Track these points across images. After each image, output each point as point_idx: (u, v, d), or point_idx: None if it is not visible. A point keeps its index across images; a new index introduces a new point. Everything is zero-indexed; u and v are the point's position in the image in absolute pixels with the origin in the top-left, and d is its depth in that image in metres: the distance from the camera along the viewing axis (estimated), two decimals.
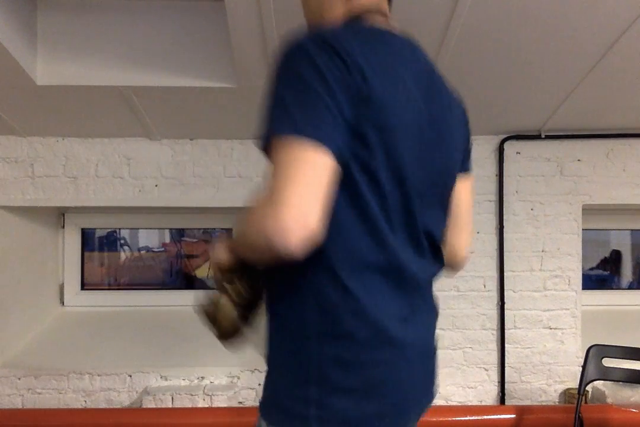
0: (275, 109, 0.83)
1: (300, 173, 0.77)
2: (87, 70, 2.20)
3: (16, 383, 2.73)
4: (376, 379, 0.88)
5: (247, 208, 0.82)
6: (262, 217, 0.78)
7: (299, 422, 0.87)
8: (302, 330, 0.88)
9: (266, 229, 0.77)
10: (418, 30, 1.97)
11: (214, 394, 2.61)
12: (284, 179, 0.77)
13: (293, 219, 0.76)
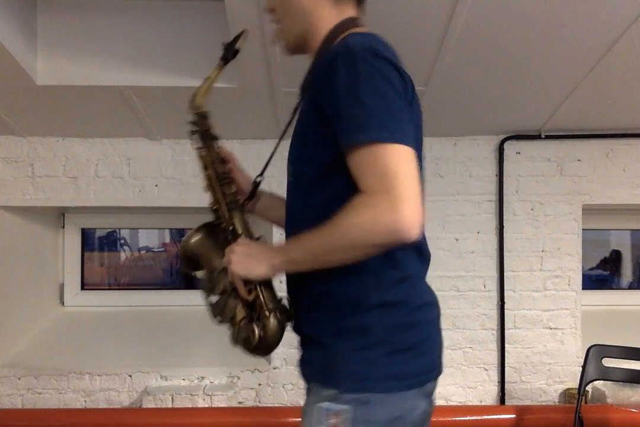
0: (366, 117, 0.93)
1: (407, 171, 0.90)
2: (87, 70, 2.20)
3: (16, 383, 2.73)
4: (425, 335, 1.12)
5: (366, 204, 0.91)
6: (387, 213, 0.88)
7: (367, 382, 0.99)
8: (363, 304, 1.01)
9: (395, 222, 0.87)
10: (418, 30, 1.98)
11: (214, 394, 2.61)
12: (397, 177, 0.89)
13: (417, 210, 0.88)
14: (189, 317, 3.03)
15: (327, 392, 1.01)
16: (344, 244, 0.94)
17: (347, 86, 0.95)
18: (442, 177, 2.83)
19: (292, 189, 1.12)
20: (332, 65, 0.96)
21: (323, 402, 1.01)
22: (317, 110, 1.01)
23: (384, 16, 1.90)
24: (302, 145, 1.08)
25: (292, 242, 1.04)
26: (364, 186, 0.92)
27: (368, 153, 0.92)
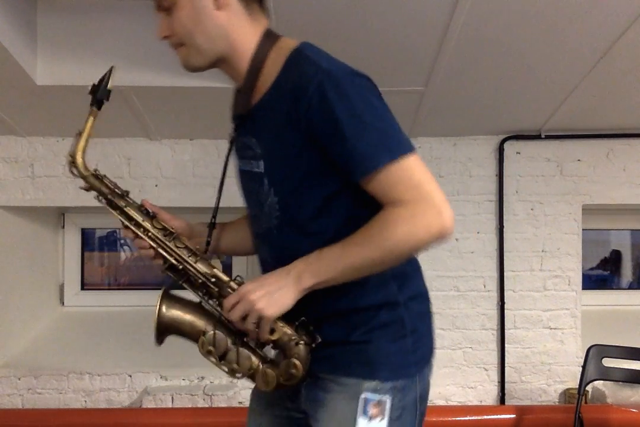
0: (381, 138, 0.98)
1: (429, 175, 0.99)
2: (87, 70, 2.19)
3: (16, 383, 2.72)
4: (432, 322, 1.17)
5: (410, 212, 0.97)
6: (435, 218, 0.96)
7: (403, 369, 1.09)
8: (394, 302, 1.08)
9: (443, 225, 0.96)
10: (418, 30, 1.98)
11: (214, 394, 2.61)
12: (428, 184, 0.97)
13: (451, 212, 0.97)
14: None
15: (368, 384, 1.06)
16: (392, 255, 0.99)
17: (347, 113, 0.96)
18: (442, 177, 2.83)
19: (283, 222, 1.08)
20: (321, 96, 0.96)
21: (363, 394, 1.05)
22: (308, 143, 1.00)
23: (384, 16, 1.90)
24: (289, 174, 1.04)
25: (317, 261, 1.00)
26: (399, 200, 0.96)
27: (395, 170, 0.97)
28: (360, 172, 0.98)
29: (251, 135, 1.09)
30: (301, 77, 0.98)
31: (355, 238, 0.99)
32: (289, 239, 1.08)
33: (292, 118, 0.99)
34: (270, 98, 1.05)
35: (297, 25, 1.93)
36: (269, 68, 1.06)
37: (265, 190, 1.07)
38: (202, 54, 1.08)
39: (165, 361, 2.78)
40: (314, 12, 1.86)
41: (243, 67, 1.08)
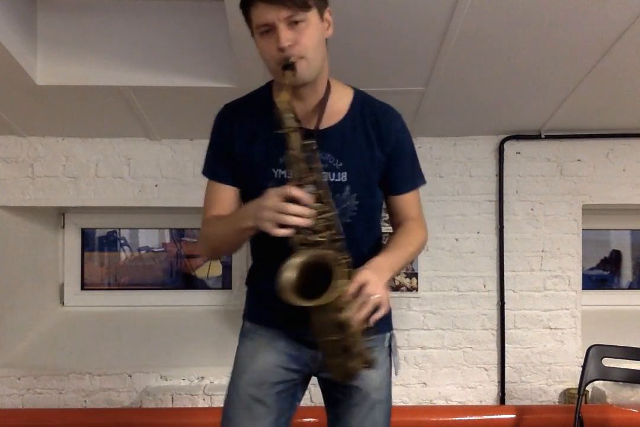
0: (419, 165, 1.45)
1: None
2: (87, 70, 2.20)
3: (16, 383, 2.72)
4: None
5: (419, 229, 1.42)
6: (426, 235, 1.44)
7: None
8: None
9: (427, 238, 1.45)
10: (418, 30, 1.98)
11: (214, 394, 2.61)
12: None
13: None
14: (189, 317, 3.03)
15: (387, 336, 1.47)
16: (417, 255, 1.48)
17: (412, 149, 1.42)
18: (442, 177, 2.83)
19: (356, 220, 1.34)
20: (403, 128, 1.38)
21: (390, 342, 1.45)
22: (384, 157, 1.34)
23: (384, 16, 1.90)
24: (368, 183, 1.35)
25: (388, 257, 1.28)
26: (415, 215, 1.43)
27: (417, 192, 1.44)
28: (407, 188, 1.41)
29: (325, 150, 1.29)
30: (386, 113, 1.37)
31: (402, 240, 1.35)
32: (356, 233, 1.34)
33: (378, 142, 1.33)
34: (349, 124, 1.34)
35: None
36: (334, 98, 1.33)
37: (345, 195, 1.32)
38: (316, 70, 1.25)
39: (165, 361, 2.78)
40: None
41: (320, 90, 1.32)
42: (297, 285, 1.14)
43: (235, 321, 2.95)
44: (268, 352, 1.39)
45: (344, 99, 1.36)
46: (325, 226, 1.18)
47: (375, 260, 1.25)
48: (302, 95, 1.29)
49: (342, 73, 2.27)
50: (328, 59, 1.32)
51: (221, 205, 1.36)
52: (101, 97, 2.33)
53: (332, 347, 1.20)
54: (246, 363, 1.41)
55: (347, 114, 1.34)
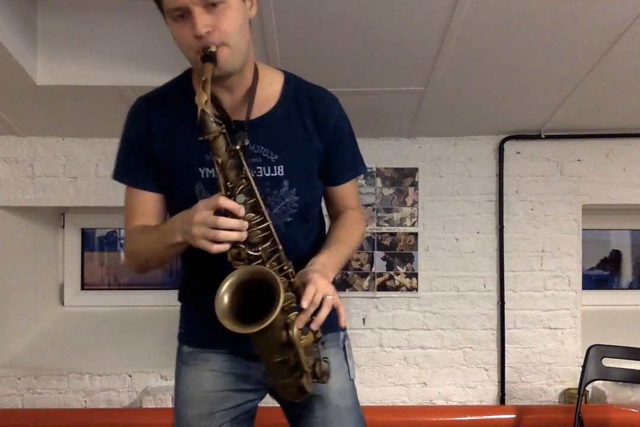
0: (359, 151, 1.34)
1: None
2: (87, 70, 2.19)
3: (16, 383, 2.72)
4: None
5: (359, 220, 1.33)
6: (365, 226, 1.39)
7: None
8: None
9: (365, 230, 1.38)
10: (418, 31, 1.98)
11: None
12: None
13: None
14: None
15: (341, 335, 1.33)
16: (359, 244, 1.32)
17: (351, 134, 1.30)
18: (442, 177, 2.83)
19: (298, 218, 1.23)
20: (340, 113, 1.26)
21: (344, 343, 1.32)
22: (323, 146, 1.23)
23: (384, 16, 1.90)
24: (308, 176, 1.23)
25: (330, 256, 1.18)
26: (355, 204, 1.35)
27: (356, 181, 1.35)
28: (347, 177, 1.30)
29: (257, 143, 1.17)
30: (322, 98, 1.24)
31: (342, 235, 1.26)
32: (296, 231, 1.24)
33: (316, 130, 1.22)
34: (282, 112, 1.20)
35: (298, 26, 1.93)
36: (262, 85, 1.19)
37: (283, 191, 1.19)
38: (241, 57, 1.11)
39: (165, 361, 2.76)
40: (314, 13, 1.86)
41: (248, 78, 1.18)
42: (235, 309, 1.02)
43: None
44: (213, 377, 1.24)
45: (274, 84, 1.21)
46: (261, 238, 1.07)
47: (319, 260, 1.14)
48: (229, 85, 1.16)
49: (342, 73, 2.28)
50: (252, 44, 1.17)
51: (143, 214, 1.24)
52: (101, 97, 2.32)
53: (279, 367, 1.09)
54: (189, 395, 1.25)
55: (279, 101, 1.20)
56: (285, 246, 1.13)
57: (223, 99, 1.16)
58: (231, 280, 1.03)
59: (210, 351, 1.25)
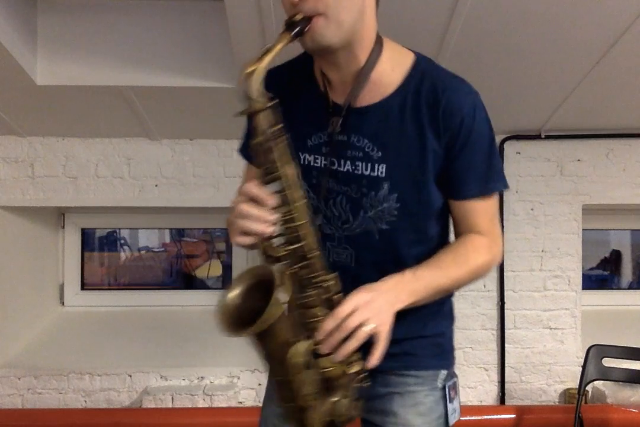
0: (498, 162, 1.08)
1: (498, 218, 1.13)
2: (87, 70, 2.20)
3: (16, 383, 2.72)
4: None
5: (481, 247, 1.07)
6: (499, 255, 1.10)
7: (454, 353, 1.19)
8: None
9: (499, 260, 1.11)
10: (418, 30, 1.98)
11: (214, 394, 2.61)
12: (499, 224, 1.12)
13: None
14: (189, 317, 3.03)
15: (443, 372, 1.13)
16: (470, 282, 1.07)
17: (486, 138, 1.05)
18: None
19: (397, 228, 1.06)
20: (473, 110, 1.02)
21: (445, 382, 1.12)
22: (442, 149, 1.03)
23: (383, 16, 1.90)
24: (415, 181, 1.04)
25: (413, 281, 0.99)
26: (484, 228, 1.07)
27: (492, 201, 1.09)
28: (472, 193, 1.05)
29: (361, 134, 1.04)
30: (450, 90, 1.01)
31: (448, 260, 1.04)
32: (393, 245, 1.07)
33: (434, 128, 1.01)
34: (398, 102, 1.03)
35: None
36: (384, 68, 1.04)
37: (381, 195, 1.04)
38: (342, 29, 0.95)
39: (165, 361, 2.78)
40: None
41: (360, 57, 1.02)
42: (238, 312, 0.91)
43: None
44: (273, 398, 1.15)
45: (398, 69, 1.05)
46: (290, 237, 0.93)
47: (392, 277, 0.98)
48: (337, 62, 1.01)
49: None
50: (373, 22, 1.03)
51: None
52: (101, 97, 2.33)
53: (281, 387, 0.96)
54: (264, 410, 1.23)
55: (399, 89, 1.03)
56: (376, 257, 1.06)
57: (331, 77, 1.04)
58: (236, 280, 0.94)
59: None
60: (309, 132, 1.04)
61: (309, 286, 0.95)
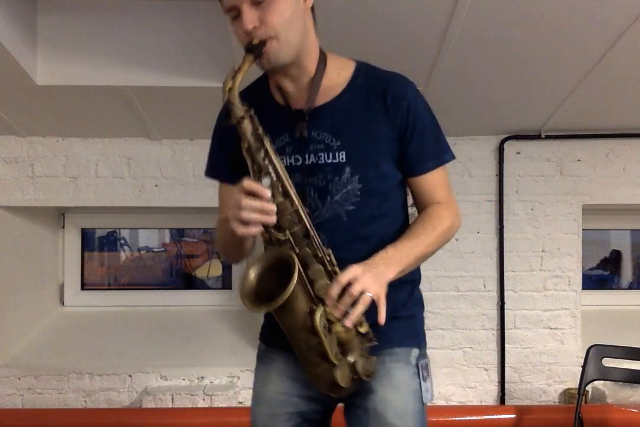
0: (443, 137, 1.24)
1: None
2: (87, 70, 2.19)
3: (16, 383, 2.72)
4: None
5: (443, 214, 1.21)
6: (458, 220, 1.24)
7: (425, 335, 1.29)
8: (418, 277, 1.30)
9: (459, 225, 1.25)
10: (418, 30, 1.98)
11: (214, 394, 2.61)
12: (451, 192, 1.26)
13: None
14: (189, 317, 3.03)
15: (415, 351, 1.23)
16: (440, 245, 1.21)
17: (430, 118, 1.22)
18: None
19: (361, 207, 1.18)
20: (415, 95, 1.21)
21: (417, 360, 1.22)
22: (395, 132, 1.18)
23: (383, 16, 1.90)
24: (373, 163, 1.18)
25: (396, 253, 1.12)
26: (443, 198, 1.22)
27: (444, 172, 1.23)
28: (428, 166, 1.21)
29: (320, 129, 1.18)
30: (393, 81, 1.21)
31: (419, 230, 1.18)
32: (360, 223, 1.19)
33: (384, 114, 1.17)
34: (348, 99, 1.19)
35: None
36: (332, 73, 1.20)
37: (344, 178, 1.17)
38: (292, 48, 1.13)
39: (165, 361, 2.78)
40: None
41: (310, 68, 1.19)
42: (258, 290, 1.05)
43: (236, 321, 2.97)
44: (278, 377, 1.25)
45: (343, 73, 1.22)
46: (291, 222, 1.06)
47: (377, 255, 1.11)
48: (291, 75, 1.19)
49: None
50: (317, 31, 1.20)
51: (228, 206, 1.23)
52: (101, 97, 2.33)
53: (307, 355, 1.08)
54: (259, 392, 1.28)
55: (346, 88, 1.20)
56: (347, 236, 1.16)
57: (287, 88, 1.20)
58: (254, 262, 1.07)
59: (279, 351, 1.24)
60: (273, 138, 1.13)
61: (314, 261, 1.08)
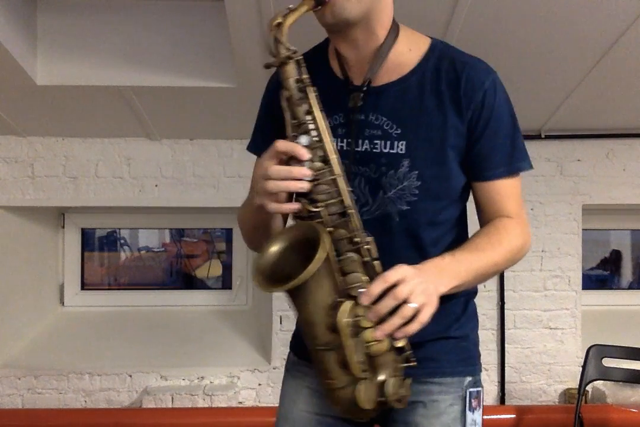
0: (521, 142, 1.07)
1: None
2: (87, 70, 2.20)
3: (16, 383, 2.72)
4: None
5: (513, 230, 1.03)
6: (529, 239, 1.06)
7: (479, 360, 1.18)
8: (474, 289, 1.23)
9: (530, 246, 1.07)
10: (418, 29, 1.97)
11: (214, 394, 2.61)
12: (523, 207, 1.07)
13: None
14: (189, 317, 3.03)
15: (469, 380, 1.10)
16: (506, 266, 1.05)
17: (509, 117, 1.09)
18: None
19: (418, 209, 1.02)
20: (494, 87, 1.05)
21: (467, 390, 1.07)
22: (464, 126, 1.01)
23: None
24: (437, 159, 1.01)
25: (455, 262, 0.94)
26: (512, 211, 1.03)
27: (518, 181, 1.05)
28: (497, 173, 1.03)
29: (379, 113, 1.02)
30: (469, 68, 1.01)
31: (484, 244, 0.99)
32: (414, 227, 1.03)
33: (455, 104, 1.00)
34: (416, 81, 1.02)
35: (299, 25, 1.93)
36: (402, 48, 1.03)
37: (401, 173, 1.00)
38: (361, 4, 0.94)
39: (165, 361, 2.78)
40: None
41: (379, 35, 1.01)
42: (274, 268, 0.88)
43: (236, 321, 2.97)
44: (309, 395, 1.09)
45: (415, 50, 1.04)
46: (328, 194, 0.90)
47: (433, 259, 0.94)
48: (355, 39, 1.00)
49: None
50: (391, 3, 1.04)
51: None
52: (101, 97, 2.33)
53: (324, 359, 0.89)
54: (287, 411, 1.13)
55: (416, 68, 1.03)
56: (396, 240, 1.01)
57: (348, 55, 1.03)
58: (277, 235, 0.92)
59: (312, 366, 0.99)
60: (335, 121, 1.01)
61: (348, 247, 0.91)
